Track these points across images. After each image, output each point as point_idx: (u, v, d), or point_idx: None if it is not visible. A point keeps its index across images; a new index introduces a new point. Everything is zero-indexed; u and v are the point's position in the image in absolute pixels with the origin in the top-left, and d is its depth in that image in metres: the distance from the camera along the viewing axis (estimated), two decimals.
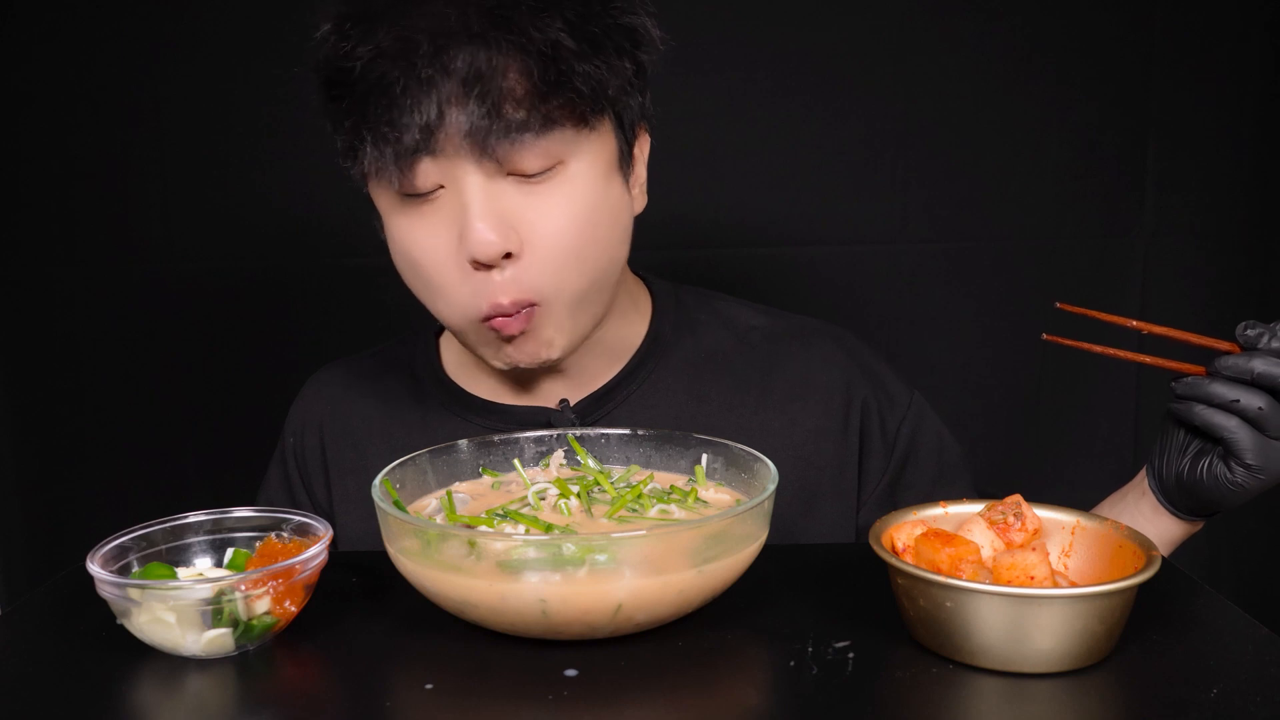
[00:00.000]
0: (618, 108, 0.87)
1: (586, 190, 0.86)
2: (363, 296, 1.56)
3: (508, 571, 0.64)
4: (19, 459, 1.63)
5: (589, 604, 0.63)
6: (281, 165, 1.54)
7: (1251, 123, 1.56)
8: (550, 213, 0.85)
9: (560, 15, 0.81)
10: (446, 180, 0.84)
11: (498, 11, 0.80)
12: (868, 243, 1.59)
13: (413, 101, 0.80)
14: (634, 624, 0.66)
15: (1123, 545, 0.68)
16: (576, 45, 0.81)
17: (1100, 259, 1.59)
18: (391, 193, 0.86)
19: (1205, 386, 0.83)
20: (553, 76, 0.81)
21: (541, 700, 0.60)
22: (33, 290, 1.59)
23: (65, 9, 1.51)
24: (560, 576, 0.63)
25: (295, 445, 1.06)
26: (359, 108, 0.82)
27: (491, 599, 0.64)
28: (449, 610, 0.68)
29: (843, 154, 1.56)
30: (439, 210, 0.85)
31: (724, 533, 0.67)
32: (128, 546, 0.72)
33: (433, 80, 0.80)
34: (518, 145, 0.81)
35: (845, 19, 1.53)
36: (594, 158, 0.87)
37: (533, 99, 0.81)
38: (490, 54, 0.80)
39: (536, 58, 0.80)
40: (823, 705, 0.59)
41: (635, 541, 0.64)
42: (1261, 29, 1.53)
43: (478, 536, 0.66)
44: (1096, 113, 1.56)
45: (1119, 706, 0.60)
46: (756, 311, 1.06)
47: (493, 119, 0.80)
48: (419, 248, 0.87)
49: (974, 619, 0.61)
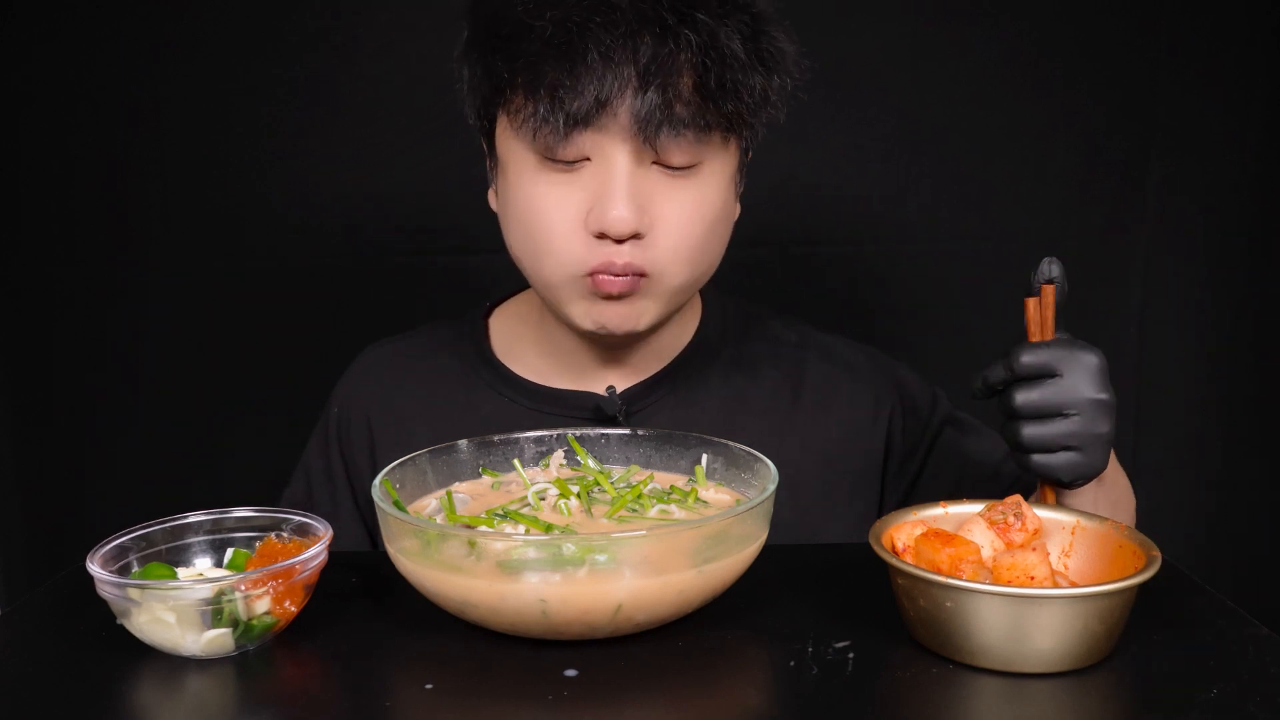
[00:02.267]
0: (756, 124, 0.91)
1: (716, 192, 0.91)
2: (363, 296, 1.56)
3: (507, 572, 0.64)
4: (19, 459, 1.63)
5: (589, 604, 0.63)
6: (281, 165, 1.54)
7: (1257, 127, 1.56)
8: (684, 206, 0.88)
9: (739, 23, 0.85)
10: (595, 155, 0.87)
11: (684, 6, 0.83)
12: (874, 244, 1.59)
13: (596, 76, 0.82)
14: (634, 624, 0.66)
15: (1123, 545, 0.68)
16: (747, 57, 0.85)
17: (1103, 262, 1.59)
18: (530, 152, 0.88)
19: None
20: (724, 83, 0.85)
21: (541, 700, 0.60)
22: (33, 290, 1.59)
23: (65, 9, 1.51)
24: (560, 577, 0.63)
25: (341, 416, 1.07)
26: (535, 67, 0.84)
27: (491, 599, 0.64)
28: (449, 611, 0.68)
29: (849, 156, 1.56)
30: (578, 179, 0.88)
31: (724, 533, 0.67)
32: (128, 546, 0.72)
33: (618, 60, 0.82)
34: (675, 140, 0.85)
35: (852, 22, 1.53)
36: (725, 164, 0.91)
37: (701, 99, 0.85)
38: (673, 48, 0.83)
39: (714, 61, 0.84)
40: (823, 705, 0.59)
41: (635, 542, 0.64)
42: (1268, 34, 1.53)
43: (478, 536, 0.66)
44: (1103, 117, 1.56)
45: (1119, 706, 0.60)
46: (792, 329, 1.10)
47: (662, 111, 0.83)
48: (547, 213, 0.89)
49: (974, 619, 0.61)
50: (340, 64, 1.49)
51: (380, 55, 1.49)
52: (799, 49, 0.91)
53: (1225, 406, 1.64)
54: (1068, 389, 0.78)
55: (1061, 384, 0.78)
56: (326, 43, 1.50)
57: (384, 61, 1.49)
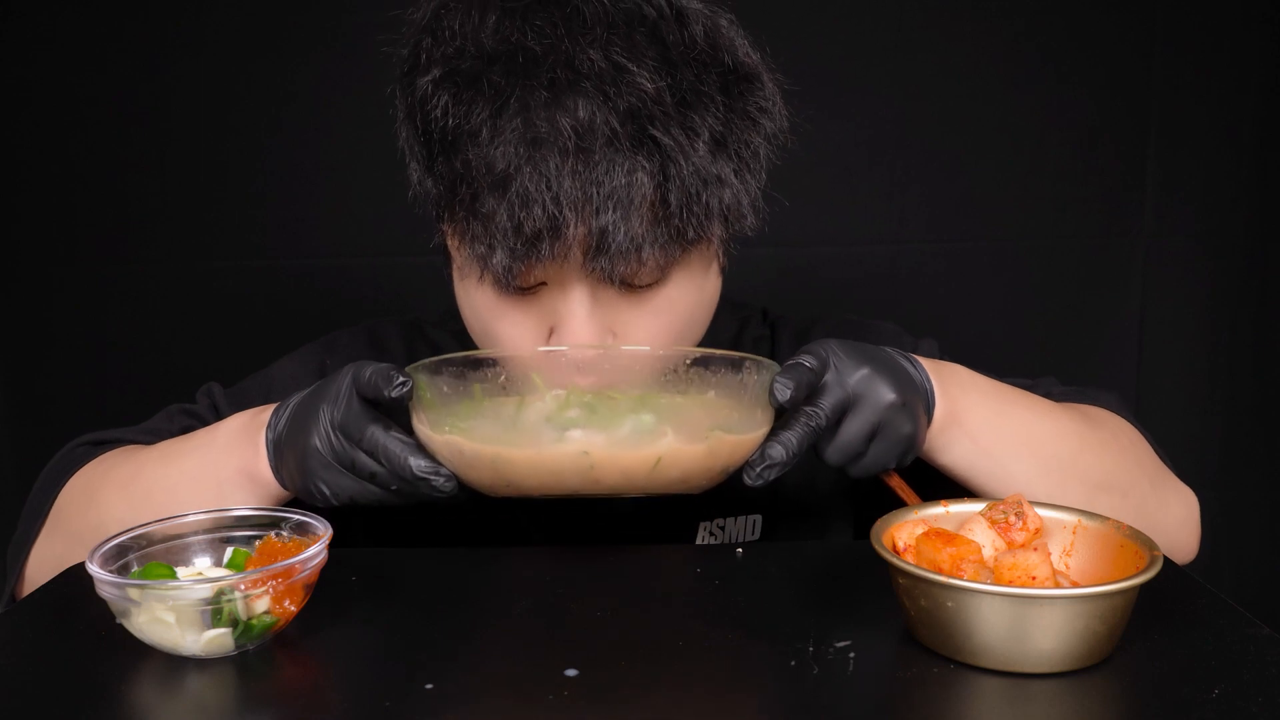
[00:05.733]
0: (739, 220, 0.83)
1: (687, 297, 0.84)
2: (364, 296, 1.56)
3: (556, 427, 0.69)
4: (19, 458, 1.63)
5: (629, 463, 0.69)
6: (281, 165, 1.54)
7: (1252, 123, 1.56)
8: (651, 324, 0.82)
9: (704, 124, 0.76)
10: (551, 280, 0.80)
11: (640, 118, 0.74)
12: (867, 243, 1.59)
13: (541, 209, 0.74)
14: (667, 480, 0.71)
15: (1124, 545, 0.68)
16: (718, 169, 0.77)
17: (1100, 259, 1.59)
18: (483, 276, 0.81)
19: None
20: (690, 202, 0.76)
21: (541, 700, 0.59)
22: (33, 290, 1.59)
23: (65, 9, 1.51)
24: (604, 434, 0.68)
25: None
26: (473, 193, 0.76)
27: (531, 456, 0.69)
28: (484, 482, 0.72)
29: (843, 154, 1.56)
30: (536, 303, 0.82)
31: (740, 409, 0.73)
32: (127, 546, 0.72)
33: (564, 187, 0.73)
34: (636, 264, 0.77)
35: (847, 20, 1.53)
36: (699, 261, 0.84)
37: (664, 221, 0.77)
38: (630, 172, 0.74)
39: (677, 183, 0.75)
40: (823, 705, 0.58)
41: (674, 403, 0.70)
42: (1263, 28, 1.53)
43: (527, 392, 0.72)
44: (1097, 113, 1.56)
45: (1120, 707, 0.60)
46: (785, 325, 1.09)
47: (620, 240, 0.75)
48: (505, 335, 0.83)
49: (975, 619, 0.61)
50: (340, 64, 1.49)
51: (381, 55, 1.49)
52: (788, 85, 0.84)
53: (1225, 407, 1.64)
54: (833, 385, 0.76)
55: (829, 387, 0.76)
56: (327, 43, 1.50)
57: (384, 61, 1.49)
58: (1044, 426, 0.85)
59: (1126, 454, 0.89)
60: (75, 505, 0.88)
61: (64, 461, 0.93)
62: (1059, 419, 0.86)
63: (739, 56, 0.80)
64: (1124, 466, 0.88)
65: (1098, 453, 0.86)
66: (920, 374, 0.81)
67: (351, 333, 1.07)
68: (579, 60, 0.74)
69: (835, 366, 0.77)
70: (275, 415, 0.81)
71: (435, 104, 0.77)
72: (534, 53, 0.75)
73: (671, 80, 0.76)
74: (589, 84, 0.74)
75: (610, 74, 0.74)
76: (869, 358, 0.78)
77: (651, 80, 0.74)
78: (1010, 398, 0.86)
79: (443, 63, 0.78)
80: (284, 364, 1.05)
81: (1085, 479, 0.84)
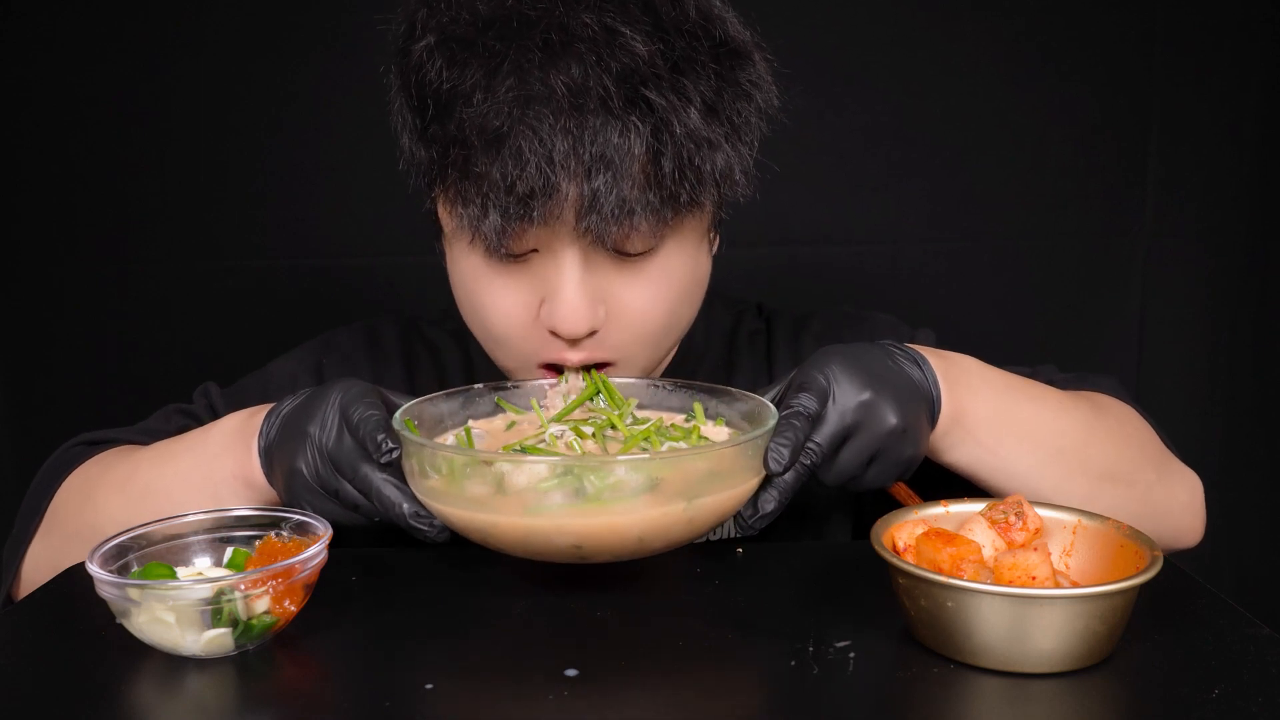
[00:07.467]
0: (731, 187, 0.83)
1: (682, 267, 0.84)
2: (364, 296, 1.56)
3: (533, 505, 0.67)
4: (19, 458, 1.63)
5: (615, 541, 0.68)
6: (281, 165, 1.54)
7: (1253, 121, 1.56)
8: (644, 291, 0.82)
9: (697, 90, 0.76)
10: (543, 247, 0.80)
11: (633, 79, 0.74)
12: (867, 242, 1.59)
13: (533, 169, 0.73)
14: (652, 550, 0.70)
15: (1124, 545, 0.68)
16: (708, 130, 0.77)
17: (1101, 259, 1.59)
18: (475, 243, 0.81)
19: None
20: (680, 166, 0.76)
21: (541, 700, 0.59)
22: (33, 290, 1.59)
23: (65, 9, 1.51)
24: (583, 513, 0.66)
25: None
26: (465, 160, 0.76)
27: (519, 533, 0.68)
28: (474, 539, 0.71)
29: (843, 152, 1.56)
30: (527, 271, 0.81)
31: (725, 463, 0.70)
32: (127, 546, 0.72)
33: (557, 149, 0.73)
34: (629, 228, 0.77)
35: (849, 17, 1.53)
36: (690, 233, 0.84)
37: (657, 185, 0.76)
38: (623, 133, 0.74)
39: (669, 145, 0.75)
40: (823, 705, 0.58)
41: (645, 468, 0.68)
42: (1264, 26, 1.53)
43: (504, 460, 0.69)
44: (1098, 111, 1.56)
45: (1120, 707, 0.60)
46: (780, 321, 1.08)
47: (612, 202, 0.75)
48: (496, 307, 0.83)
49: (975, 619, 0.61)
50: (340, 64, 1.49)
51: (380, 55, 1.49)
52: (777, 65, 0.84)
53: (1225, 407, 1.64)
54: (831, 417, 0.74)
55: (827, 418, 0.74)
56: (327, 43, 1.50)
57: (384, 61, 1.49)
58: (1050, 420, 0.84)
59: (1131, 442, 0.89)
60: (71, 505, 0.89)
61: (60, 461, 0.93)
62: (1066, 410, 0.86)
63: (730, 32, 0.81)
64: (1130, 456, 0.87)
65: (1104, 443, 0.86)
66: (927, 377, 0.79)
67: (350, 331, 1.07)
68: (573, 24, 0.75)
69: (834, 396, 0.74)
70: (267, 422, 0.81)
71: (430, 68, 0.78)
72: (528, 17, 0.75)
73: (664, 45, 0.76)
74: (583, 46, 0.74)
75: (604, 37, 0.75)
76: (872, 379, 0.75)
77: (645, 44, 0.75)
78: (1016, 392, 0.85)
79: (438, 30, 0.78)
80: (281, 363, 1.05)
81: (1091, 471, 0.84)
